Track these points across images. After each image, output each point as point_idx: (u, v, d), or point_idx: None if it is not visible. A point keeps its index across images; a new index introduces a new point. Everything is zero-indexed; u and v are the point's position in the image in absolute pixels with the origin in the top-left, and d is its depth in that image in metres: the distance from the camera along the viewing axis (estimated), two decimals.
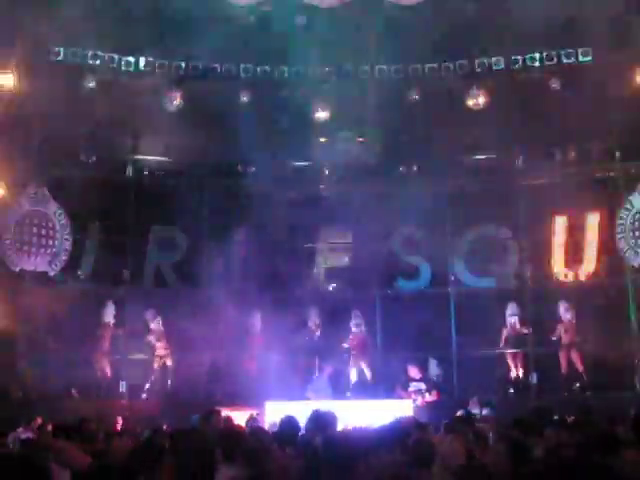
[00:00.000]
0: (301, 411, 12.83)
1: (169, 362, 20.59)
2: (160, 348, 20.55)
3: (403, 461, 6.81)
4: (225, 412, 12.66)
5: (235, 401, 18.05)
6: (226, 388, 19.79)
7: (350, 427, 10.13)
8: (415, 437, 7.86)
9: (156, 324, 20.53)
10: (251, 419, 15.01)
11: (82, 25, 18.62)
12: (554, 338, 20.13)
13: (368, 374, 20.67)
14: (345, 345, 20.71)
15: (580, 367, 19.71)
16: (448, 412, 17.22)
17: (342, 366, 20.62)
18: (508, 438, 7.17)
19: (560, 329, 20.10)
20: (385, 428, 7.91)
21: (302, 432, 8.85)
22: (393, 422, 7.96)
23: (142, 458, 5.66)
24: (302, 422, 10.40)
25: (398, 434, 7.65)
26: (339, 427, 9.09)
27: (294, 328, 20.49)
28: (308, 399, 18.22)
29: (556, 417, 11.43)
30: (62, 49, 20.09)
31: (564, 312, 20.17)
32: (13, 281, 19.58)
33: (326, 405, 13.33)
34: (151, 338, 20.56)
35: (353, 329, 20.82)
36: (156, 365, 20.52)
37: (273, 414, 15.19)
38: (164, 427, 12.79)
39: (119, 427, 11.69)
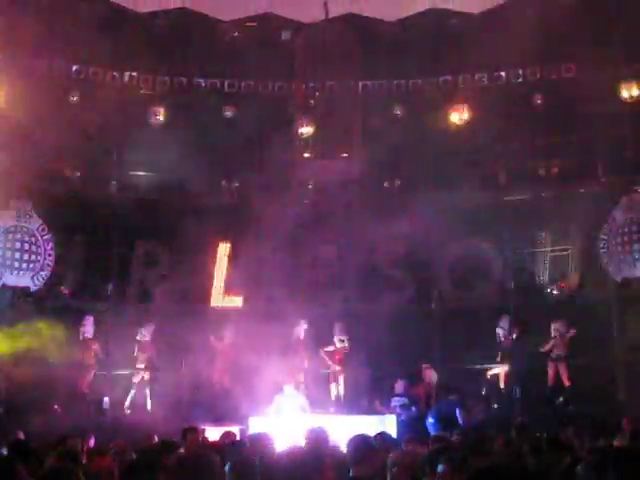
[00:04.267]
0: (287, 426, 12.86)
1: (147, 376, 20.37)
2: (142, 361, 20.35)
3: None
4: (208, 429, 12.67)
5: (218, 417, 17.98)
6: (209, 404, 19.68)
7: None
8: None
9: (141, 336, 20.36)
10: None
11: (68, 40, 18.65)
12: (542, 350, 20.06)
13: (343, 390, 20.54)
14: (326, 359, 20.60)
15: (566, 381, 19.70)
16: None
17: (320, 381, 20.49)
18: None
19: (551, 343, 20.05)
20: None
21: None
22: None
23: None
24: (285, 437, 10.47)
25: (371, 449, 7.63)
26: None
27: (279, 343, 20.46)
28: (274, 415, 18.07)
29: None
30: (47, 63, 20.12)
31: (558, 327, 20.07)
32: None
33: (310, 420, 13.33)
34: (135, 349, 20.37)
35: (337, 344, 20.73)
36: (137, 379, 20.33)
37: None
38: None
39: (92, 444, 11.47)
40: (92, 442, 11.30)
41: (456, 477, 6.27)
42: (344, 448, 7.93)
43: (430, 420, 17.68)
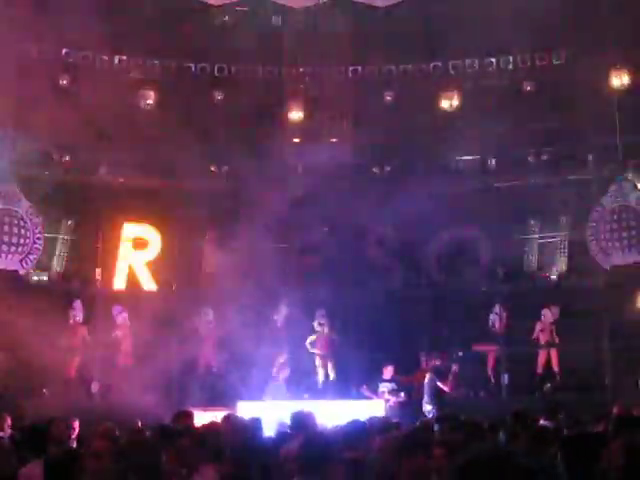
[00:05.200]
0: (274, 411, 12.86)
1: (130, 360, 20.35)
2: (126, 345, 20.31)
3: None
4: (197, 413, 12.63)
5: (207, 401, 18.00)
6: (198, 388, 19.72)
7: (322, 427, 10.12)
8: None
9: (122, 320, 20.30)
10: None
11: (57, 23, 18.54)
12: (533, 337, 20.20)
13: (332, 374, 20.57)
14: (309, 345, 20.60)
15: (556, 367, 19.79)
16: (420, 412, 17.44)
17: (306, 366, 20.52)
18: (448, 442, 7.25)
19: (537, 328, 20.13)
20: (350, 427, 7.94)
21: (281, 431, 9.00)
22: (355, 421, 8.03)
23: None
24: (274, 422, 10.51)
25: (364, 433, 7.72)
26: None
27: (267, 328, 20.51)
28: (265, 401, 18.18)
29: None
30: (37, 46, 20.00)
31: (545, 312, 20.14)
32: None
33: (298, 405, 13.34)
34: (117, 333, 20.32)
35: (316, 329, 20.74)
36: (123, 362, 20.29)
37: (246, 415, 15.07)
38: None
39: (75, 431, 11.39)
40: (76, 425, 11.24)
41: (452, 459, 6.28)
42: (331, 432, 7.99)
43: (427, 407, 17.77)
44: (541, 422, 11.70)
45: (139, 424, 11.59)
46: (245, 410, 16.05)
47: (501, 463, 3.10)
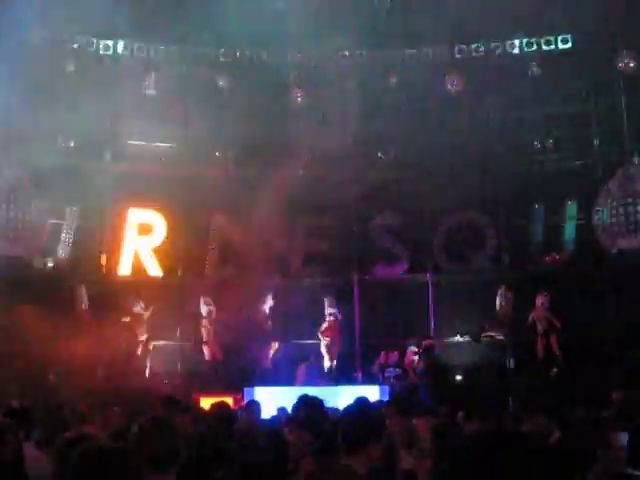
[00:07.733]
0: (282, 397, 12.90)
1: (149, 347, 20.42)
2: (140, 333, 20.36)
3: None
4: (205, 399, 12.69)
5: (215, 387, 18.06)
6: (205, 375, 19.79)
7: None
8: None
9: (139, 308, 20.32)
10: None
11: (61, 9, 18.47)
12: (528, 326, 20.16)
13: (334, 361, 20.60)
14: (320, 334, 20.60)
15: (556, 352, 19.71)
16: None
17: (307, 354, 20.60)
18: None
19: (532, 316, 20.05)
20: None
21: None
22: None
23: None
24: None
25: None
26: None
27: (271, 315, 20.53)
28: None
29: None
30: (41, 33, 19.94)
31: (537, 301, 20.06)
32: None
33: (306, 391, 13.37)
34: (131, 321, 20.34)
35: (327, 316, 20.73)
36: (138, 350, 20.33)
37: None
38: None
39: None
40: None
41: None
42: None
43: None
44: None
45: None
46: (250, 396, 16.11)
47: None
